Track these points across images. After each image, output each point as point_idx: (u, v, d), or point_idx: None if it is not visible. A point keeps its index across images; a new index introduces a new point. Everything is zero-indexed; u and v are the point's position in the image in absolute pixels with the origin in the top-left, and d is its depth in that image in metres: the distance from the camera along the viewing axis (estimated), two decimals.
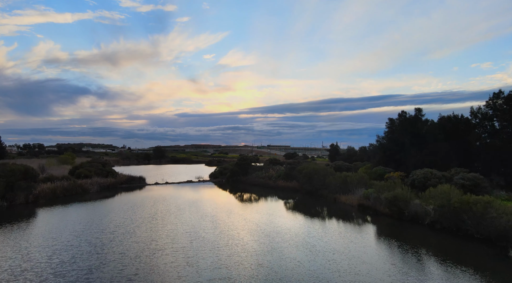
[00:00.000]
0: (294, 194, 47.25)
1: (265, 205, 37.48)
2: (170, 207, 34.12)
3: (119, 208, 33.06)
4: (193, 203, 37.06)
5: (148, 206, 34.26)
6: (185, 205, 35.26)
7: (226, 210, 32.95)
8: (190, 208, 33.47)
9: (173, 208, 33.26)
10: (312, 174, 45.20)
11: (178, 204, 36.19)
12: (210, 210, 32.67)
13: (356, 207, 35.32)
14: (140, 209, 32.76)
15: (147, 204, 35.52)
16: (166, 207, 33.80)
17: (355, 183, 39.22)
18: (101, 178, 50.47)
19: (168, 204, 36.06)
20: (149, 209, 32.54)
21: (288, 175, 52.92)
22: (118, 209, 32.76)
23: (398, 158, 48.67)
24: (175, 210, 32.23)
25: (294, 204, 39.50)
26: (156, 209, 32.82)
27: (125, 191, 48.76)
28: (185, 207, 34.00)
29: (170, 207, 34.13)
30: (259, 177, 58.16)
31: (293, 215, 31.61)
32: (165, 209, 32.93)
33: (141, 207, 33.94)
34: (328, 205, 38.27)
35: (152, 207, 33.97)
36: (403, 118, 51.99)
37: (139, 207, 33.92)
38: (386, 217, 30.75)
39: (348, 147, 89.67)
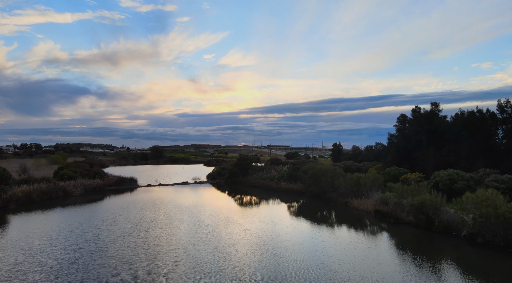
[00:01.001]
0: (298, 197, 42.45)
1: (267, 211, 32.69)
2: (158, 214, 29.27)
3: (99, 216, 28.20)
4: (185, 208, 32.22)
5: (133, 213, 29.41)
6: (176, 212, 30.42)
7: (224, 218, 28.11)
8: (181, 216, 28.62)
9: (161, 216, 28.41)
10: (319, 175, 40.38)
11: (169, 210, 31.34)
12: (205, 218, 27.83)
13: (372, 213, 30.50)
14: (122, 217, 27.91)
15: (133, 211, 30.66)
16: (154, 214, 28.95)
17: (369, 185, 34.40)
18: (87, 180, 45.60)
19: (157, 210, 31.22)
20: (133, 217, 27.68)
21: (292, 176, 48.10)
22: (97, 216, 27.90)
23: (413, 157, 43.86)
24: (163, 218, 27.39)
25: (300, 209, 34.67)
26: (141, 216, 27.96)
27: (114, 194, 43.93)
28: (175, 214, 29.16)
29: (158, 214, 29.28)
30: (260, 178, 53.34)
31: (301, 224, 26.80)
32: (152, 216, 28.07)
33: (124, 214, 29.08)
34: (339, 210, 33.47)
35: (138, 214, 29.11)
36: (417, 113, 47.20)
37: (123, 214, 29.07)
38: (410, 226, 25.96)
39: (353, 147, 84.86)
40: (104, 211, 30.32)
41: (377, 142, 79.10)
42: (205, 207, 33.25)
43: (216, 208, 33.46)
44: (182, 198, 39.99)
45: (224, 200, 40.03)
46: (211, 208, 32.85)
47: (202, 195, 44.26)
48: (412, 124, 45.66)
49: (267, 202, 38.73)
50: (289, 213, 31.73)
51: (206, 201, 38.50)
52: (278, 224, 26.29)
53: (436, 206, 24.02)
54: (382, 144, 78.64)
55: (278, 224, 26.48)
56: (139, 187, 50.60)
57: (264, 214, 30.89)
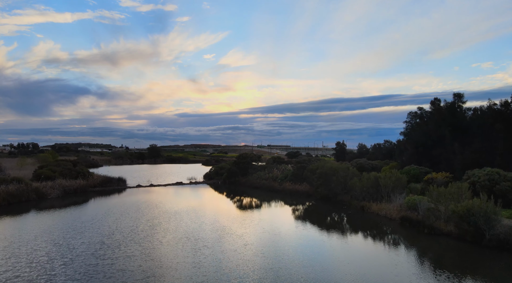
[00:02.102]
0: (305, 199, 37.08)
1: (271, 216, 27.35)
2: (139, 222, 23.89)
3: (65, 225, 22.82)
4: (174, 215, 26.85)
5: (108, 221, 24.03)
6: (162, 219, 25.05)
7: (219, 228, 22.73)
8: (167, 224, 23.24)
9: (142, 225, 23.02)
10: (329, 174, 35.00)
11: (154, 216, 25.97)
12: (196, 228, 22.46)
13: (398, 220, 25.12)
14: (94, 226, 22.52)
15: (110, 218, 25.29)
16: (134, 223, 23.56)
17: (391, 187, 29.04)
18: (68, 180, 40.24)
19: (140, 216, 25.85)
20: (106, 227, 22.29)
21: (297, 176, 42.73)
22: (61, 227, 22.52)
23: (434, 155, 38.48)
24: (144, 229, 22.00)
25: (308, 214, 29.29)
26: (117, 226, 22.56)
27: (99, 196, 38.57)
28: (160, 222, 23.79)
29: (140, 222, 23.90)
30: (262, 178, 47.95)
31: (312, 235, 21.45)
32: (131, 226, 22.68)
33: (98, 222, 23.70)
34: (355, 216, 28.11)
35: (114, 222, 23.72)
36: (437, 106, 41.82)
37: (96, 222, 23.69)
38: (449, 238, 20.60)
39: (360, 145, 79.44)
40: (74, 218, 24.94)
41: (385, 140, 73.92)
42: (197, 213, 27.87)
43: (211, 214, 28.08)
44: (173, 201, 34.61)
45: (221, 204, 34.65)
46: (204, 214, 27.46)
47: (196, 197, 38.89)
48: (432, 118, 40.27)
49: (270, 206, 33.39)
50: (296, 220, 26.36)
51: (200, 204, 33.11)
52: (285, 236, 20.91)
53: (488, 214, 18.65)
54: (390, 141, 73.59)
55: (284, 235, 21.09)
56: (128, 188, 45.24)
57: (268, 221, 25.52)
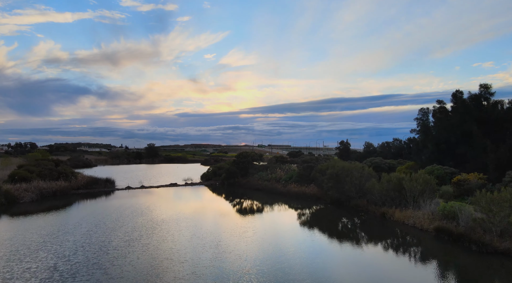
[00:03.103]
0: (313, 203, 32.35)
1: (275, 225, 22.60)
2: (114, 235, 19.09)
3: (15, 242, 18.03)
4: (160, 224, 22.09)
5: (75, 235, 19.24)
6: (144, 230, 20.27)
7: (213, 243, 17.94)
8: (149, 239, 18.46)
9: (117, 240, 18.21)
10: (342, 175, 30.24)
11: (134, 228, 21.19)
12: (183, 243, 17.68)
13: (432, 233, 20.34)
14: (52, 243, 17.68)
15: (80, 229, 20.50)
16: (107, 237, 18.77)
17: (418, 190, 24.26)
18: (47, 182, 35.51)
19: (117, 227, 21.06)
20: (69, 245, 17.47)
21: (303, 177, 37.97)
22: (9, 244, 17.76)
23: (460, 153, 33.69)
24: (118, 245, 17.21)
25: (319, 222, 24.46)
26: (82, 243, 17.74)
27: (83, 199, 33.88)
28: (141, 236, 18.99)
29: (115, 235, 19.12)
30: (263, 179, 43.20)
31: (326, 250, 16.71)
32: (101, 241, 17.91)
33: (61, 237, 18.89)
34: (376, 225, 23.38)
35: (83, 236, 18.92)
36: (460, 99, 37.00)
37: (59, 237, 18.87)
38: (507, 258, 15.87)
39: (366, 143, 74.41)
40: (35, 230, 20.13)
41: (394, 138, 69.00)
42: (189, 222, 23.10)
43: (205, 223, 23.31)
44: (163, 205, 29.85)
45: (217, 209, 29.88)
46: (197, 224, 22.67)
47: (190, 201, 34.14)
48: (456, 112, 35.46)
49: (274, 210, 28.66)
50: (305, 230, 21.58)
51: (194, 210, 28.35)
52: (296, 255, 16.14)
53: None
54: (400, 140, 68.82)
55: (294, 254, 16.32)
56: (116, 190, 40.51)
57: (273, 232, 20.75)
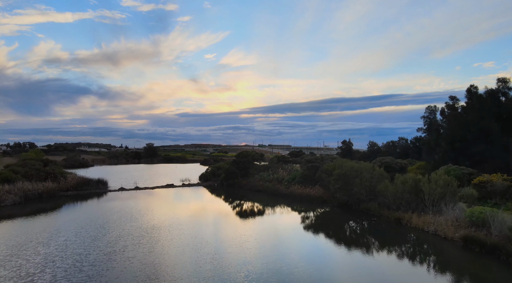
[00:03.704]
0: (318, 206, 29.77)
1: (278, 232, 19.99)
2: (94, 247, 16.42)
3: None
4: (149, 233, 19.45)
5: (48, 247, 16.58)
6: (130, 240, 17.64)
7: (208, 257, 15.30)
8: (133, 251, 15.82)
9: (95, 253, 15.52)
10: (351, 176, 27.62)
11: (119, 236, 18.55)
12: (173, 257, 15.07)
13: (459, 242, 17.72)
14: (18, 258, 15.01)
15: (57, 239, 17.84)
16: (85, 249, 16.07)
17: (438, 193, 21.61)
18: (33, 183, 32.91)
19: (100, 236, 18.42)
20: (37, 260, 14.77)
21: (308, 178, 35.34)
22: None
23: (477, 151, 31.06)
24: (96, 260, 14.54)
25: (326, 228, 21.79)
26: (53, 257, 15.05)
27: (72, 201, 31.35)
28: (125, 247, 16.34)
29: (95, 247, 16.45)
30: (265, 180, 40.58)
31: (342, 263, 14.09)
32: (77, 254, 15.22)
33: (32, 249, 16.20)
34: (392, 232, 20.78)
35: (57, 248, 16.23)
36: (475, 94, 34.36)
37: (28, 249, 16.17)
38: None
39: (370, 142, 71.66)
40: (4, 238, 17.50)
41: (400, 137, 66.42)
42: (182, 229, 20.47)
43: (201, 230, 20.68)
44: (156, 209, 27.23)
45: (215, 213, 27.27)
46: (191, 232, 20.03)
47: (186, 203, 31.53)
48: (472, 108, 32.80)
49: (276, 214, 26.06)
50: (311, 237, 18.96)
51: (189, 214, 25.73)
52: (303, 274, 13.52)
53: None
54: (406, 139, 66.19)
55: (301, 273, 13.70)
56: (109, 192, 37.91)
57: (276, 242, 18.14)
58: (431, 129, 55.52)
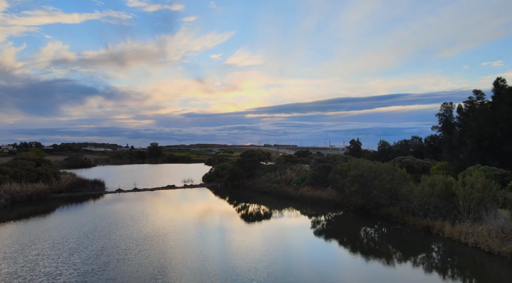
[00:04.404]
0: (331, 210, 26.75)
1: (285, 239, 17.02)
2: (69, 265, 13.56)
3: None
4: (139, 245, 16.61)
5: (13, 266, 13.88)
6: (114, 255, 14.78)
7: (207, 276, 12.41)
8: (114, 270, 12.93)
9: (67, 274, 12.75)
10: (369, 178, 24.54)
11: (102, 249, 15.71)
12: (166, 277, 12.21)
13: (509, 258, 14.60)
14: None
15: (25, 254, 15.03)
16: (57, 267, 13.20)
17: (476, 198, 18.45)
18: (23, 184, 30.39)
19: (81, 249, 15.60)
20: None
21: (319, 179, 32.30)
22: None
23: (509, 150, 27.75)
24: (68, 281, 11.76)
25: (344, 238, 18.74)
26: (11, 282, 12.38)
27: (63, 204, 28.85)
28: (106, 264, 13.45)
29: (70, 264, 13.59)
30: (272, 181, 37.61)
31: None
32: (49, 272, 12.48)
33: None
34: (420, 243, 17.69)
35: (23, 266, 13.41)
36: (502, 88, 30.99)
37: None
38: None
39: (382, 141, 68.24)
40: None
41: (413, 136, 63.09)
42: (178, 238, 17.61)
43: (200, 240, 17.79)
44: (153, 214, 24.43)
45: (217, 219, 24.36)
46: (187, 244, 17.16)
47: (186, 208, 28.67)
48: (502, 102, 29.47)
49: (283, 218, 23.07)
50: (327, 246, 15.94)
51: (188, 220, 22.84)
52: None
53: None
54: (419, 138, 62.75)
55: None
56: (106, 193, 35.27)
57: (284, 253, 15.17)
58: (447, 127, 52.12)
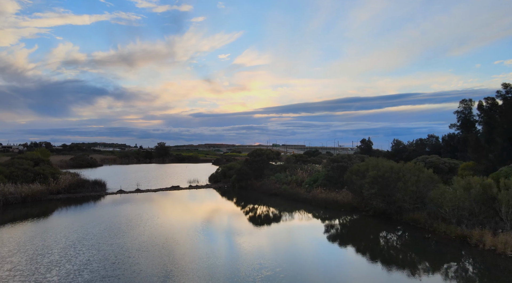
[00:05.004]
0: (347, 214, 24.20)
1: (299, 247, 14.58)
2: (46, 281, 11.48)
3: None
4: (132, 255, 14.37)
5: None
6: (102, 270, 12.53)
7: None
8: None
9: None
10: (391, 179, 21.92)
11: (84, 265, 13.48)
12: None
13: None
14: None
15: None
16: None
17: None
18: (18, 185, 28.58)
19: (58, 263, 13.44)
20: None
21: (332, 180, 29.74)
22: None
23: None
24: None
25: (366, 249, 16.22)
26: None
27: (59, 206, 26.99)
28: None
29: (48, 280, 11.50)
30: (282, 182, 35.18)
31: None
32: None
33: None
34: (457, 255, 15.06)
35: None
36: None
37: None
38: None
39: (396, 141, 65.02)
40: None
41: (429, 135, 59.81)
42: (178, 250, 15.31)
43: (202, 251, 15.48)
44: (151, 219, 22.22)
45: (223, 224, 22.02)
46: (185, 258, 14.87)
47: (189, 211, 26.42)
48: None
49: (293, 221, 20.61)
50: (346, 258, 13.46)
51: (189, 227, 20.58)
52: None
53: None
54: (436, 136, 59.49)
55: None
56: (106, 195, 33.31)
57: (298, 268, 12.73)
58: (466, 125, 48.97)
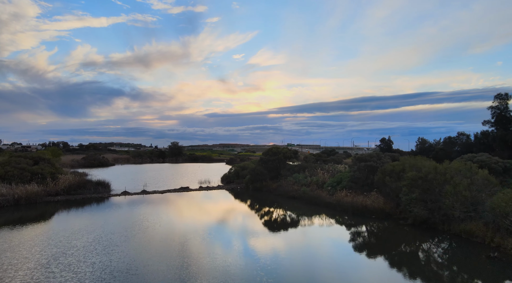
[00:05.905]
0: (380, 222, 20.50)
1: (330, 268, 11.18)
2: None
3: None
4: (121, 274, 11.28)
5: None
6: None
7: None
8: None
9: None
10: (437, 181, 18.13)
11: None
12: None
13: None
14: None
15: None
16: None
17: None
18: (12, 186, 26.18)
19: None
20: None
21: (359, 182, 26.02)
22: None
23: None
24: None
25: (404, 264, 12.58)
26: None
27: (58, 209, 24.41)
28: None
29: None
30: (301, 184, 31.64)
31: None
32: None
33: None
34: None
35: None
36: None
37: None
38: None
39: (421, 139, 60.23)
40: None
41: (459, 132, 54.81)
42: (177, 269, 12.15)
43: (207, 271, 12.23)
44: (152, 227, 19.17)
45: (233, 235, 18.75)
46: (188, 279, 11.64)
47: (197, 217, 23.25)
48: None
49: (323, 236, 17.10)
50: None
51: (193, 238, 17.38)
52: None
53: None
54: (466, 134, 54.53)
55: None
56: (110, 196, 30.62)
57: None
58: (502, 122, 44.39)
